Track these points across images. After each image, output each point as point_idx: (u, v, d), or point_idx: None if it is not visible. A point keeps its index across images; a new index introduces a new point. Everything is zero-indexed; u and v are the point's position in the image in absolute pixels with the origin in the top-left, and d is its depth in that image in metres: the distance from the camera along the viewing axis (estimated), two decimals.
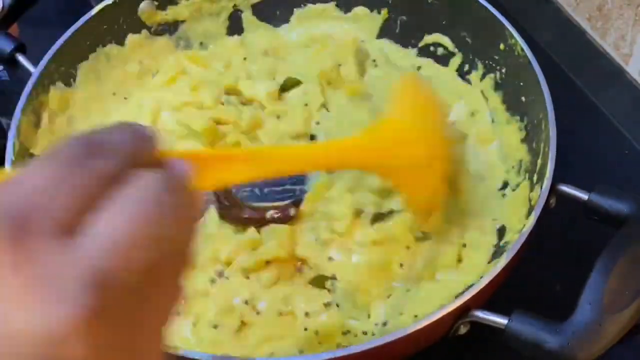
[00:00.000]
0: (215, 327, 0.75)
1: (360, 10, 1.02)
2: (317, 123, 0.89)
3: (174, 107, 0.92)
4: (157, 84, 0.97)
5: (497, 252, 0.79)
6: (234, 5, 1.02)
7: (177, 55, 0.98)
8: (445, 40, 0.97)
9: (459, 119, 0.91)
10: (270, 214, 0.81)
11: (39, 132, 0.87)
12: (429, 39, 0.99)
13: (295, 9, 1.03)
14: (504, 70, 0.91)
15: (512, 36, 0.87)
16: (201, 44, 1.01)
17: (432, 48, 0.98)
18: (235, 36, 1.02)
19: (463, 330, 0.69)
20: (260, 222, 0.81)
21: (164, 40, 1.00)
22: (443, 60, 0.98)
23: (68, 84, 0.92)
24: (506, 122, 0.90)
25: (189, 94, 0.93)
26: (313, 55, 0.98)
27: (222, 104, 0.91)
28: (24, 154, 0.84)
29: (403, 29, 1.00)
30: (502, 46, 0.89)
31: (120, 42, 0.97)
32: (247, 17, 1.02)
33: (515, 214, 0.81)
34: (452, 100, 0.93)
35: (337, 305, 0.75)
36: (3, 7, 0.92)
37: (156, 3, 0.99)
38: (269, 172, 0.61)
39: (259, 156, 0.57)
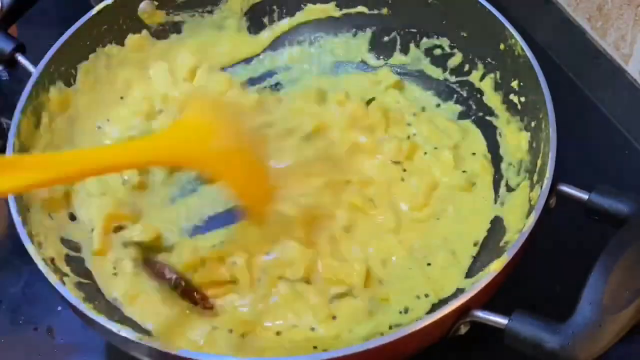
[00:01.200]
0: None
1: (360, 10, 1.02)
2: None
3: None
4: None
5: (497, 252, 0.79)
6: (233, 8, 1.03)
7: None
8: (444, 41, 0.98)
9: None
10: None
11: (38, 132, 0.87)
12: (428, 42, 0.99)
13: (295, 10, 1.03)
14: (504, 70, 0.91)
15: (512, 36, 0.87)
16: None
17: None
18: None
19: (463, 330, 0.68)
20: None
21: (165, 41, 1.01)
22: (442, 60, 0.98)
23: (68, 83, 0.92)
24: (506, 122, 0.90)
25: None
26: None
27: None
28: (24, 154, 0.84)
29: (403, 30, 1.01)
30: (502, 46, 0.89)
31: (120, 42, 0.97)
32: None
33: (515, 214, 0.81)
34: None
35: None
36: (2, 7, 0.92)
37: (156, 3, 0.99)
38: (65, 177, 0.64)
39: (49, 161, 0.61)
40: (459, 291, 0.78)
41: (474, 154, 0.90)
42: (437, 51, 0.99)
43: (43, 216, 0.81)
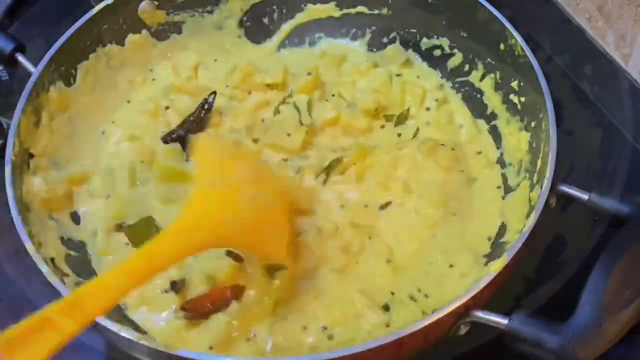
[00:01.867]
0: None
1: (360, 10, 1.02)
2: None
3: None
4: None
5: (497, 252, 0.79)
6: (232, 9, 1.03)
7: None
8: (444, 41, 0.98)
9: None
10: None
11: (38, 131, 0.87)
12: (428, 42, 0.99)
13: (295, 11, 1.03)
14: (504, 71, 0.91)
15: (512, 36, 0.87)
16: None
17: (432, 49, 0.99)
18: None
19: (463, 330, 0.69)
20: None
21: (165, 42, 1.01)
22: (441, 60, 0.98)
23: (68, 83, 0.92)
24: (506, 122, 0.90)
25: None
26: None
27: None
28: (24, 154, 0.84)
29: (403, 30, 1.01)
30: (502, 46, 0.89)
31: (120, 42, 0.97)
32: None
33: (515, 214, 0.81)
34: None
35: None
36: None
37: (156, 3, 0.99)
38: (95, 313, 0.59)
39: (76, 304, 0.58)
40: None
41: (479, 152, 0.91)
42: (437, 52, 0.99)
43: (43, 216, 0.81)
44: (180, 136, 0.91)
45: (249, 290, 0.79)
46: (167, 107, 0.94)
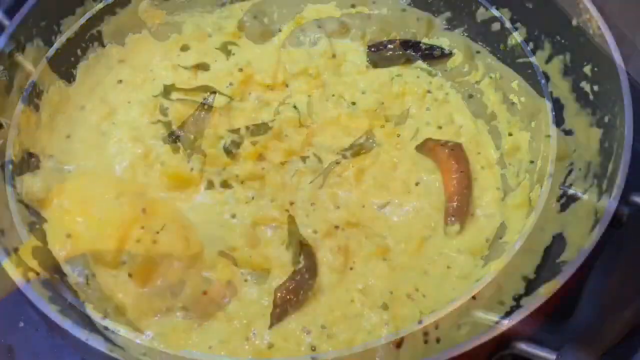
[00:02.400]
0: None
1: (360, 10, 1.02)
2: None
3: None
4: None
5: (497, 252, 0.79)
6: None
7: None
8: (444, 41, 0.98)
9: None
10: None
11: (38, 131, 0.87)
12: (428, 42, 0.99)
13: (295, 11, 1.03)
14: (504, 70, 0.91)
15: (512, 36, 0.87)
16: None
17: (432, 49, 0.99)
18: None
19: (463, 330, 0.69)
20: None
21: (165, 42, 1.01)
22: (441, 60, 0.98)
23: (68, 83, 0.92)
24: (506, 122, 0.90)
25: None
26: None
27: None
28: (24, 153, 0.84)
29: (403, 30, 1.01)
30: (502, 46, 0.90)
31: (120, 42, 0.97)
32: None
33: (516, 214, 0.81)
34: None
35: None
36: None
37: (156, 3, 0.99)
38: None
39: None
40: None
41: (479, 153, 0.91)
42: (437, 52, 0.99)
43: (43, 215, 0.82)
44: (181, 136, 0.91)
45: (247, 289, 0.79)
46: (167, 108, 0.94)
